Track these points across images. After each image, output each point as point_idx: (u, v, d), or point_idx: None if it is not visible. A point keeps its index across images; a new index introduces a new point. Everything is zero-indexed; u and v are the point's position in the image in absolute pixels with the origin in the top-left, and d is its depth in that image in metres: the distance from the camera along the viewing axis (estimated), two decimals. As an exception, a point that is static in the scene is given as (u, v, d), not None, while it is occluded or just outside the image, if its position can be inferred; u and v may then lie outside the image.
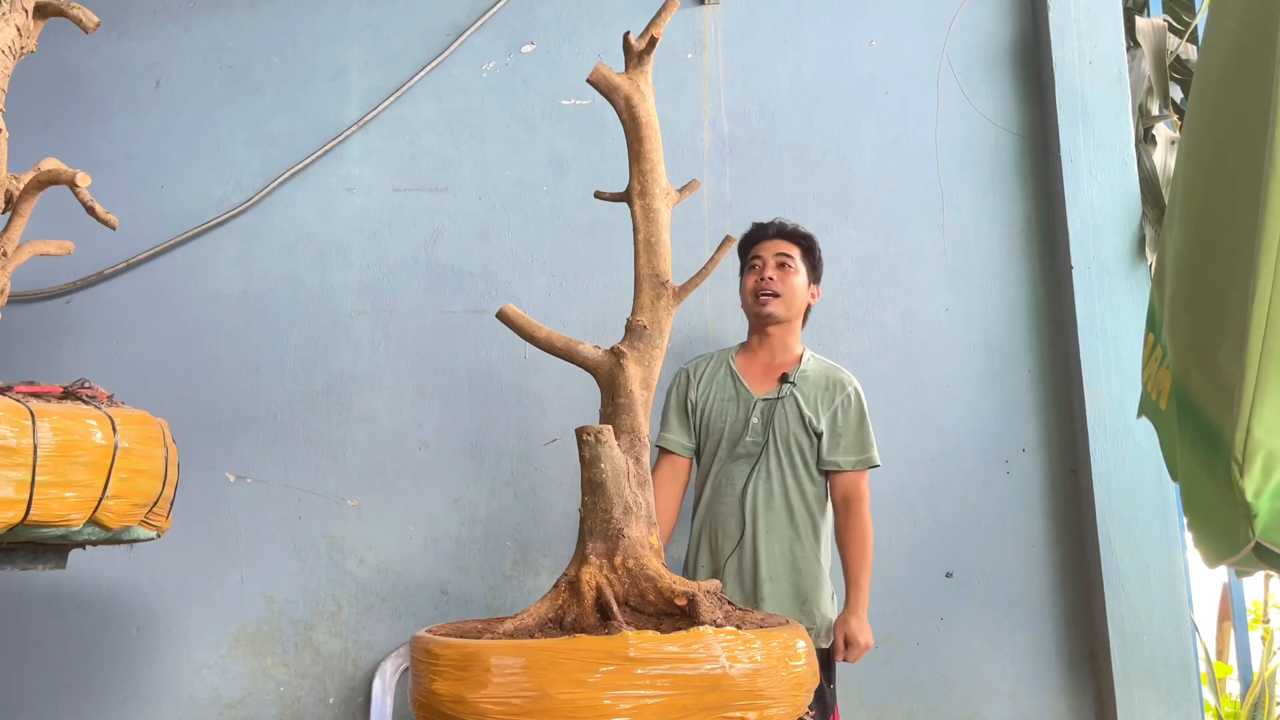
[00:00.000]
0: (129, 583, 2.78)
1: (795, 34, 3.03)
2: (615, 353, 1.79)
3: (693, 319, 2.86)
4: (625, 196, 1.90)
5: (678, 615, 1.59)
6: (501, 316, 1.80)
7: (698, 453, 2.46)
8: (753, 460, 2.34)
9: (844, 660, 2.30)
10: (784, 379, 2.38)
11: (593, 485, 1.66)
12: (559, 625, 1.61)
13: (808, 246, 2.48)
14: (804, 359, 2.43)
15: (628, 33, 1.89)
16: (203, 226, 2.97)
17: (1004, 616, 2.69)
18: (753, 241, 2.49)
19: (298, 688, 2.74)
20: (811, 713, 1.64)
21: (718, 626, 1.48)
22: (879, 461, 2.38)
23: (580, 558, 1.65)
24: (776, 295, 2.38)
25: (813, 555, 2.34)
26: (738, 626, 1.52)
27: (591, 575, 1.61)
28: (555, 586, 1.66)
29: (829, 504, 2.40)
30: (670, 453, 2.44)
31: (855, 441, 2.37)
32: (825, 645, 2.31)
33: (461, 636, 1.59)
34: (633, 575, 1.62)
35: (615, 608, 1.57)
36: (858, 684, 2.66)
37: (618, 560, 1.63)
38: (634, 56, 1.89)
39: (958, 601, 2.71)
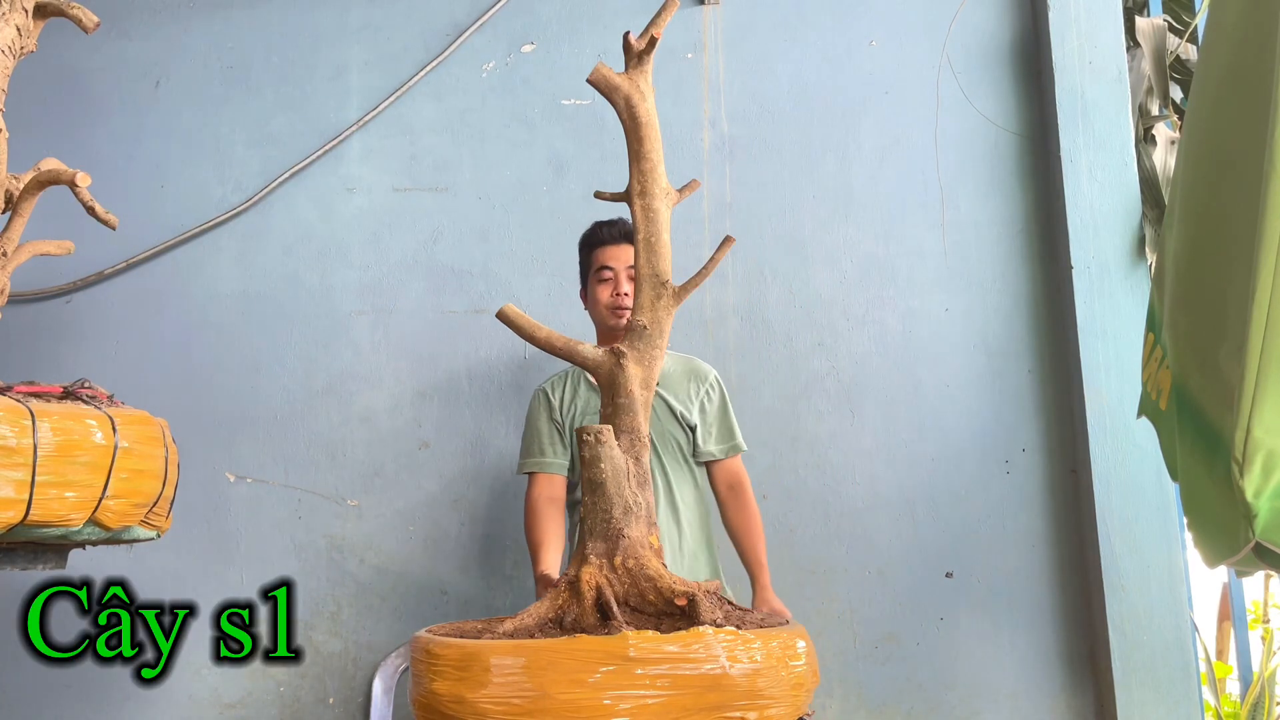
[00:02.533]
0: (129, 583, 2.78)
1: (795, 34, 3.03)
2: (615, 353, 1.78)
3: (692, 319, 2.86)
4: (625, 196, 1.90)
5: (678, 615, 1.59)
6: (502, 316, 1.80)
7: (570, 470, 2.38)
8: None
9: None
10: None
11: (593, 485, 1.66)
12: (559, 625, 1.61)
13: None
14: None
15: (627, 33, 1.88)
16: (203, 226, 2.97)
17: (1004, 616, 2.69)
18: (597, 243, 2.39)
19: (298, 688, 2.74)
20: (811, 712, 1.64)
21: (718, 626, 1.48)
22: (745, 445, 2.41)
23: (580, 558, 1.65)
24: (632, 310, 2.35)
25: (702, 553, 2.34)
26: (738, 626, 1.52)
27: (591, 575, 1.61)
28: (555, 586, 1.66)
29: (707, 497, 2.40)
30: (548, 475, 2.33)
31: (723, 429, 2.39)
32: None
33: (461, 636, 1.59)
34: (633, 575, 1.63)
35: (615, 608, 1.57)
36: (858, 684, 2.66)
37: (618, 560, 1.63)
38: (634, 56, 1.88)
39: (958, 601, 2.71)
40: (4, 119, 2.00)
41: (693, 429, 2.36)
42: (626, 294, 2.32)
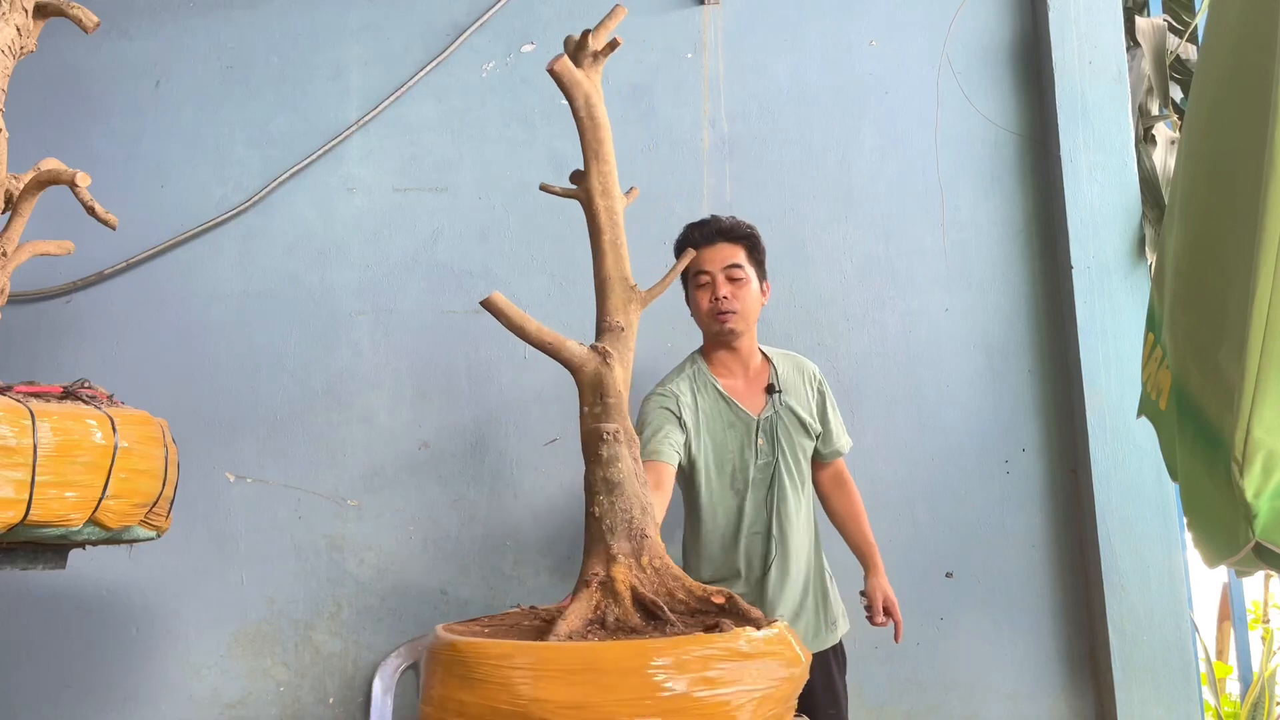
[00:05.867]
0: (129, 583, 2.78)
1: (795, 34, 3.03)
2: (601, 352, 1.76)
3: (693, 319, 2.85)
4: (583, 195, 1.88)
5: (713, 612, 1.60)
6: (488, 305, 1.70)
7: (687, 478, 2.30)
8: (766, 484, 2.25)
9: (887, 622, 2.30)
10: (770, 390, 2.29)
11: (610, 485, 1.64)
12: (602, 625, 1.58)
13: (752, 244, 2.30)
14: (773, 361, 2.34)
15: (587, 31, 1.86)
16: (203, 226, 2.97)
17: (1004, 616, 2.69)
18: (691, 247, 2.26)
19: (298, 688, 2.74)
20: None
21: (769, 623, 1.51)
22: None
23: (607, 557, 1.62)
24: (735, 313, 2.23)
25: (821, 552, 2.37)
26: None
27: (625, 574, 1.60)
28: (587, 586, 1.61)
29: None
30: (664, 462, 2.15)
31: (840, 425, 2.40)
32: (843, 632, 2.36)
33: (488, 636, 1.55)
34: (660, 574, 1.62)
35: (665, 608, 1.57)
36: (858, 684, 2.65)
37: (644, 560, 1.61)
38: (589, 56, 1.87)
39: (958, 601, 2.71)
40: (4, 119, 2.00)
41: (818, 435, 2.33)
42: (726, 297, 2.23)
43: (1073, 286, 2.73)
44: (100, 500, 1.70)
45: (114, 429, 1.73)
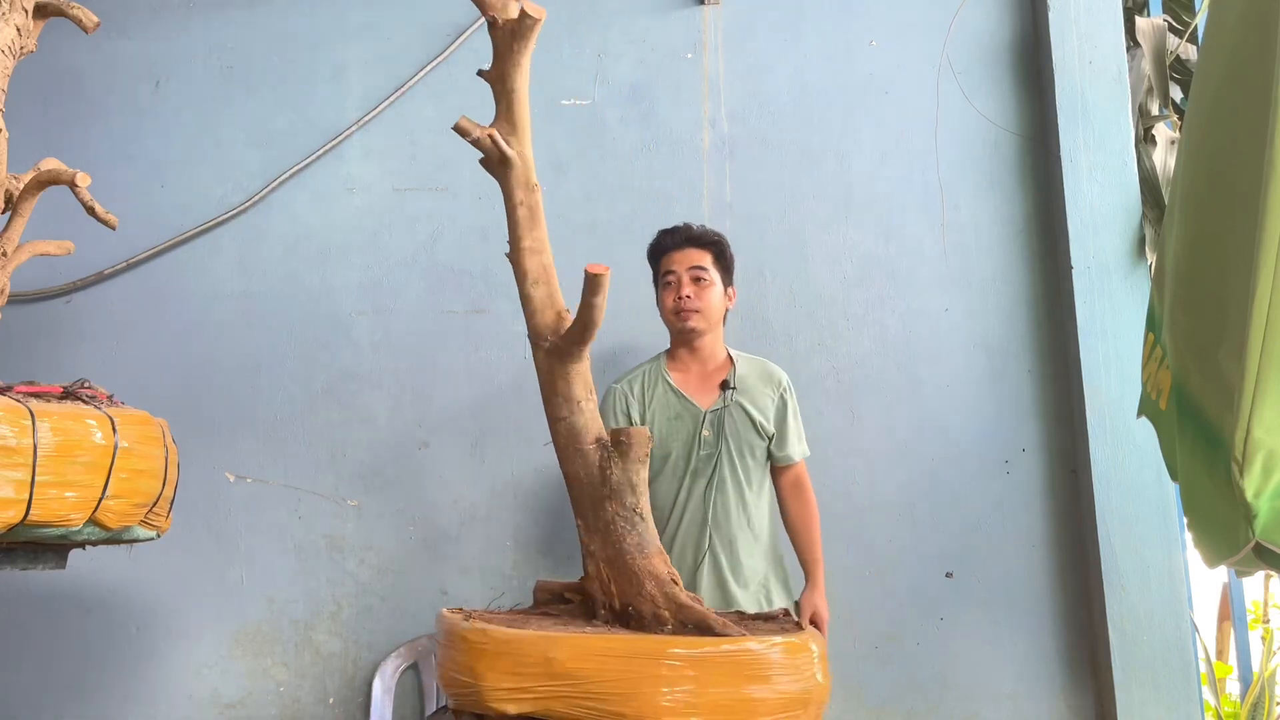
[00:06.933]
0: (129, 583, 2.78)
1: (795, 34, 3.03)
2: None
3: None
4: (518, 173, 1.87)
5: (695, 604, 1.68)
6: (593, 275, 1.66)
7: None
8: (707, 475, 2.32)
9: None
10: (725, 385, 2.36)
11: (643, 486, 1.66)
12: None
13: (719, 250, 2.40)
14: (735, 362, 2.41)
15: (520, 11, 1.80)
16: (203, 226, 2.97)
17: (1004, 616, 2.69)
18: (662, 251, 2.41)
19: (298, 688, 2.74)
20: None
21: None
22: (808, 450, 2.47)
23: (665, 556, 1.68)
24: (697, 311, 2.33)
25: (771, 551, 2.38)
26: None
27: (673, 574, 1.68)
28: (676, 584, 1.67)
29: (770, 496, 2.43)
30: None
31: (798, 432, 2.42)
32: None
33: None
34: (673, 574, 1.68)
35: (713, 621, 1.63)
36: (858, 684, 2.66)
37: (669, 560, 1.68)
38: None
39: (958, 601, 2.71)
40: (4, 119, 2.00)
41: (771, 437, 2.37)
42: (689, 295, 2.33)
43: (1073, 286, 2.73)
44: (100, 500, 1.70)
45: (114, 429, 1.73)
